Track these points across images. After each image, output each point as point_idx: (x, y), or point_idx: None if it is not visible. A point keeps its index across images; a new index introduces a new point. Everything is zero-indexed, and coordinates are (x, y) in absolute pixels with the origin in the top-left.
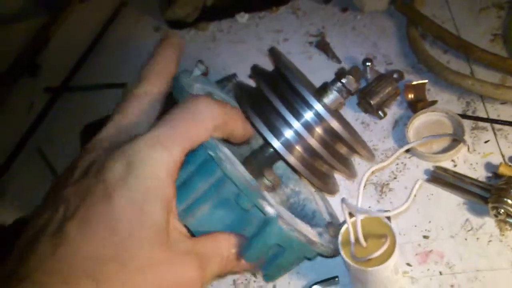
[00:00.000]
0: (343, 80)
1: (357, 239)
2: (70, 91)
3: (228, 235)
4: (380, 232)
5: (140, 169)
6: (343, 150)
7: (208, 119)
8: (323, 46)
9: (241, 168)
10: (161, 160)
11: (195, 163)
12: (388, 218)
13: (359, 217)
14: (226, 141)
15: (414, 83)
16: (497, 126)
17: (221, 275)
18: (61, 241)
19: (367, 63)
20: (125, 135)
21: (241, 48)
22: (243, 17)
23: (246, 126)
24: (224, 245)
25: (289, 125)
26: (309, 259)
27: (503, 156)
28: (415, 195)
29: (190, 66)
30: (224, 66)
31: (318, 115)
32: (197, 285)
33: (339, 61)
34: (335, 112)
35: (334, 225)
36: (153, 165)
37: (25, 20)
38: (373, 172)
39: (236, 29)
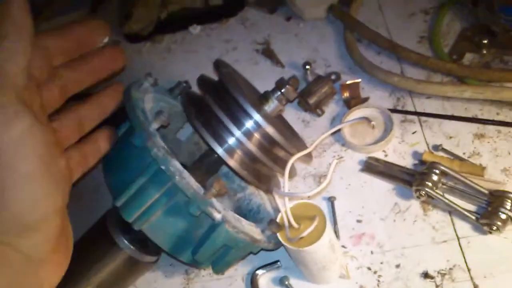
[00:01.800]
0: (283, 90)
1: (290, 222)
2: None
3: None
4: (312, 214)
5: None
6: (281, 153)
7: None
8: (268, 53)
9: (190, 179)
10: None
11: (148, 174)
12: (332, 203)
13: (287, 200)
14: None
15: (349, 82)
16: (423, 118)
17: None
18: None
19: (307, 67)
20: None
21: (194, 57)
22: (195, 29)
23: None
24: None
25: (231, 133)
26: (253, 253)
27: (427, 144)
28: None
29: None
30: (179, 74)
31: (256, 123)
32: None
33: (282, 66)
34: (276, 118)
35: (274, 222)
36: None
37: None
38: (305, 162)
39: (189, 40)
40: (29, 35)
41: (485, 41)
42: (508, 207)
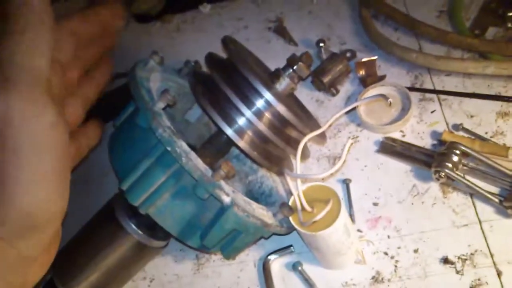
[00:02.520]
0: (295, 67)
1: (303, 205)
2: None
3: None
4: (326, 197)
5: None
6: (293, 134)
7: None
8: (281, 31)
9: (197, 161)
10: None
11: (154, 156)
12: (348, 185)
13: (299, 182)
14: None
15: (364, 60)
16: (442, 96)
17: None
18: None
19: (321, 44)
20: None
21: (204, 37)
22: (206, 8)
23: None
24: None
25: (241, 113)
26: (265, 238)
27: (447, 124)
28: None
29: None
30: (189, 54)
31: (267, 102)
32: None
33: (296, 44)
34: (287, 97)
35: (286, 205)
36: None
37: None
38: (318, 143)
39: (199, 19)
40: (51, 24)
41: (510, 14)
42: None
